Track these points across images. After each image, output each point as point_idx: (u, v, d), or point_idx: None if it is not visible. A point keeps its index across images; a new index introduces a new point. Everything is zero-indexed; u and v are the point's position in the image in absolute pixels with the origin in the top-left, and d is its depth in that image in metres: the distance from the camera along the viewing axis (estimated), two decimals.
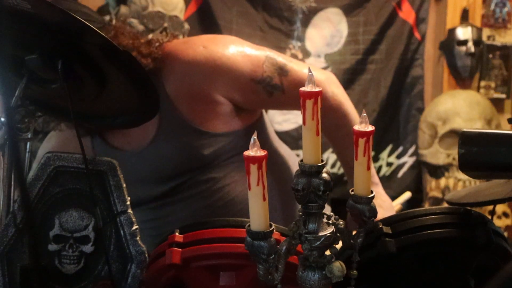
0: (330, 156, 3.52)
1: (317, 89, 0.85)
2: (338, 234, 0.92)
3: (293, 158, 1.79)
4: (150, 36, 1.66)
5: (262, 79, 1.54)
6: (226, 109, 1.58)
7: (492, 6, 3.77)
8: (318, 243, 0.89)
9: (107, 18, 3.02)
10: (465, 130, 1.05)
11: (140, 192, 1.62)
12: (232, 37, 1.70)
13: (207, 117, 1.57)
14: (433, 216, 1.13)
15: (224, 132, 1.60)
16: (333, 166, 3.58)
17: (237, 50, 1.55)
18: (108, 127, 1.55)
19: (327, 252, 0.92)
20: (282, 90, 1.56)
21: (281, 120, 3.66)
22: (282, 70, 1.56)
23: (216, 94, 1.55)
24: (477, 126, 3.42)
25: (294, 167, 1.70)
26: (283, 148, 1.78)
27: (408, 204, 1.95)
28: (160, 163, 1.61)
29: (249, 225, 0.88)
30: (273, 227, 0.88)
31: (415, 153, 3.77)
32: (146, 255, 1.21)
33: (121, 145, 1.64)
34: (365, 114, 0.88)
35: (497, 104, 3.76)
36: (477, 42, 3.69)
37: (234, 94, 1.56)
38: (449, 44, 3.73)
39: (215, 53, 1.53)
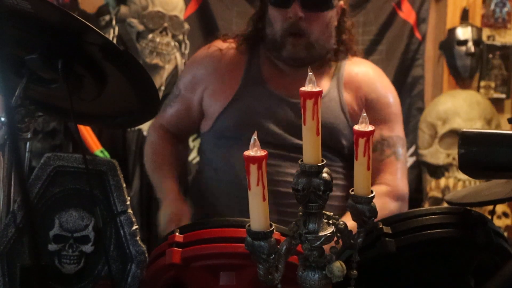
0: None
1: (317, 89, 0.85)
2: (338, 234, 0.92)
3: None
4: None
5: None
6: None
7: (492, 6, 3.76)
8: (318, 243, 0.89)
9: (107, 18, 3.02)
10: (465, 130, 1.05)
11: None
12: None
13: None
14: (433, 216, 1.13)
15: None
16: None
17: None
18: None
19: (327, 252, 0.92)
20: None
21: None
22: None
23: None
24: (477, 126, 3.42)
25: None
26: None
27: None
28: None
29: (249, 225, 0.88)
30: (273, 227, 0.88)
31: (415, 153, 3.76)
32: (146, 255, 1.21)
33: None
34: (365, 114, 0.88)
35: (497, 104, 3.75)
36: (477, 42, 3.68)
37: None
38: (449, 44, 3.73)
39: None
